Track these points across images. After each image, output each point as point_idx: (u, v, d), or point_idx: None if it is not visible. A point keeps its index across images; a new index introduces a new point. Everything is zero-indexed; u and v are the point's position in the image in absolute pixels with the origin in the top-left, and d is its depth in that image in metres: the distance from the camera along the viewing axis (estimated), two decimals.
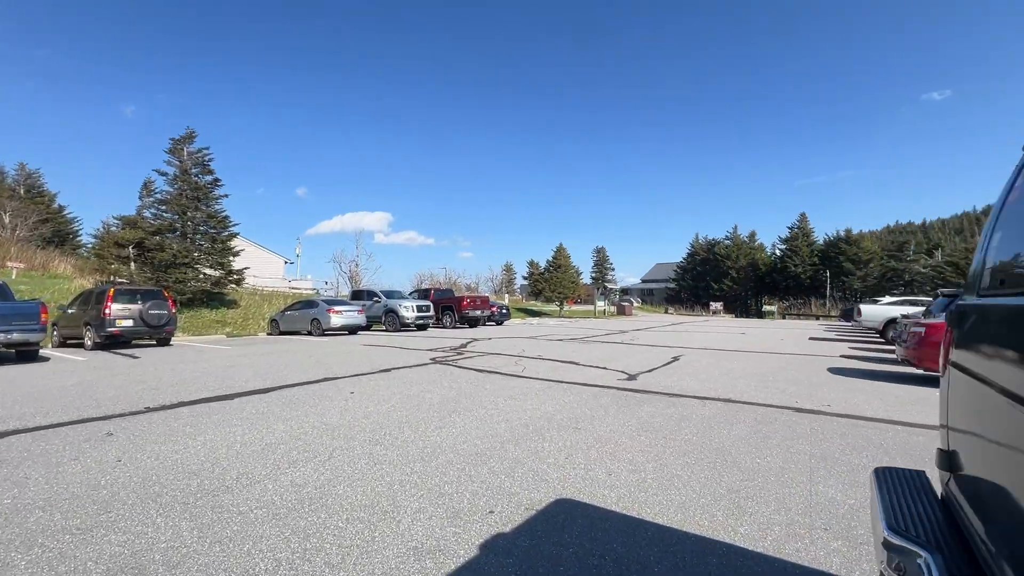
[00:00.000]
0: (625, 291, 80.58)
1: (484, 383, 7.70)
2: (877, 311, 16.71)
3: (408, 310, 19.64)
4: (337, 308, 17.73)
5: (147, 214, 23.13)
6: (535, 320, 33.17)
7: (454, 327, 22.22)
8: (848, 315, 30.07)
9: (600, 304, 44.12)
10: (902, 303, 19.34)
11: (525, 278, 60.87)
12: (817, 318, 43.21)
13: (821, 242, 51.79)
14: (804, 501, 3.22)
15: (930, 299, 22.78)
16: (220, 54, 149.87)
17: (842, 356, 12.57)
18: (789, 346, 15.15)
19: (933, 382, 8.14)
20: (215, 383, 7.68)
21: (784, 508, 3.11)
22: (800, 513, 3.04)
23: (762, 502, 3.20)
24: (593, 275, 75.77)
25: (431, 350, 12.60)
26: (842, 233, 49.51)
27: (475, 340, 15.54)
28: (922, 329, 8.36)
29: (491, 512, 3.03)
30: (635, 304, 61.21)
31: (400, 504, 3.13)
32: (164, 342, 14.19)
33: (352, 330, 18.59)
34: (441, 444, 4.43)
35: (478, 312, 22.50)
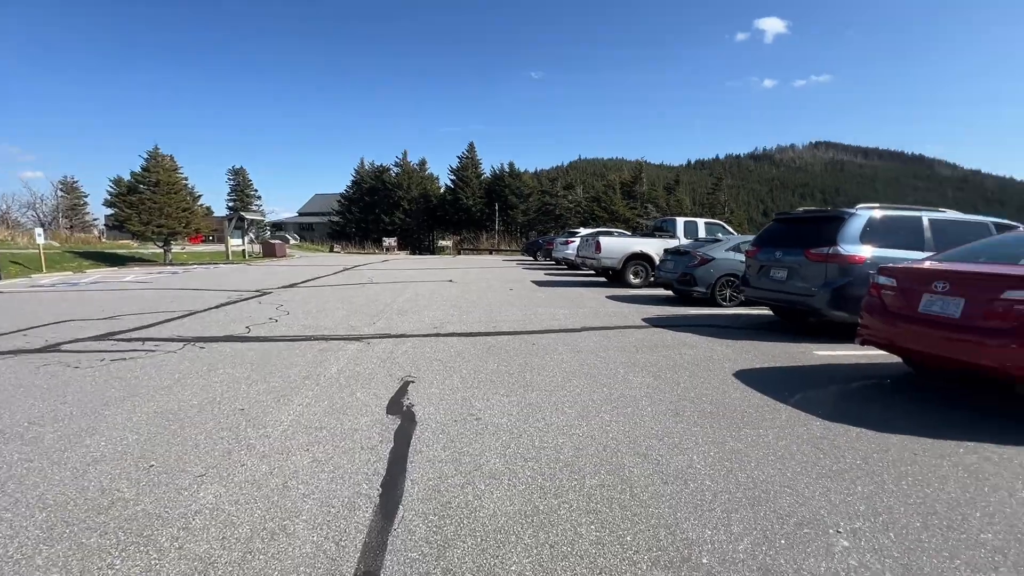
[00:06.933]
0: (279, 226, 66.07)
1: None
2: (618, 245, 12.89)
3: None
4: None
5: None
6: (97, 274, 18.72)
7: None
8: (533, 249, 28.56)
9: (237, 242, 31.30)
10: (601, 233, 16.97)
11: (108, 204, 39.74)
12: (491, 252, 42.93)
13: (489, 175, 52.13)
14: None
15: (621, 229, 22.12)
16: None
17: (644, 319, 7.41)
18: (548, 305, 9.44)
19: None
20: None
21: None
22: None
23: None
24: (231, 204, 58.10)
25: None
26: (507, 167, 50.83)
27: None
28: None
29: None
30: (292, 242, 49.23)
31: None
32: None
33: None
34: None
35: None
